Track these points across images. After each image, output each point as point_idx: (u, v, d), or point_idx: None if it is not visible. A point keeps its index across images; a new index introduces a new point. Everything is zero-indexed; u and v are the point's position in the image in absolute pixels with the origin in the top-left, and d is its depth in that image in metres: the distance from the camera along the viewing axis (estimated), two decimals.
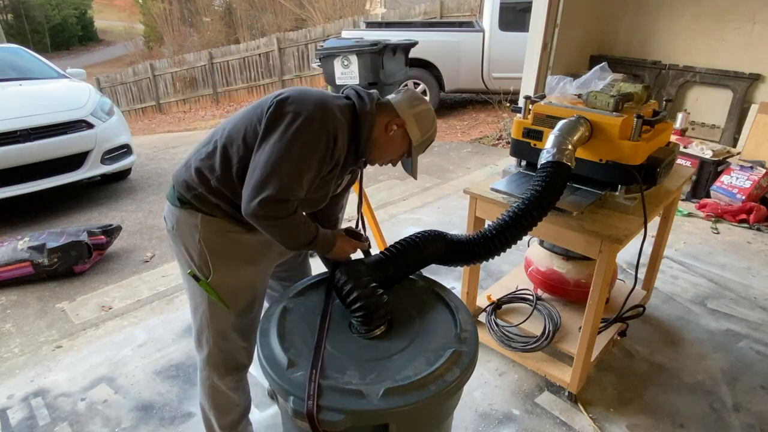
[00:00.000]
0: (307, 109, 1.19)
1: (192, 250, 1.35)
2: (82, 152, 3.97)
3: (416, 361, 1.14)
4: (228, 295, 1.39)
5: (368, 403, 1.01)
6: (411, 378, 1.07)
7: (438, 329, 1.26)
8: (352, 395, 1.02)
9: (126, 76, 12.37)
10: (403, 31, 6.84)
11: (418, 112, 1.36)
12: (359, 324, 1.24)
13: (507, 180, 1.92)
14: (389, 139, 1.35)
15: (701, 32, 4.31)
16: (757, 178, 3.58)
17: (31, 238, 2.98)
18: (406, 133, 1.35)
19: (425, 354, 1.17)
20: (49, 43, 23.77)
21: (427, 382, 1.07)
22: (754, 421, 1.89)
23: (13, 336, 2.48)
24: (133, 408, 1.99)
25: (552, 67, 4.68)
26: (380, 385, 1.05)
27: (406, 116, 1.34)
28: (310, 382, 1.04)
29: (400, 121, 1.33)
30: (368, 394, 1.02)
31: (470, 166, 4.94)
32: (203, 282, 1.36)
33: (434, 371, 1.09)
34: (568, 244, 1.76)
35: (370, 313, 1.23)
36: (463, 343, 1.20)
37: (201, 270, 1.36)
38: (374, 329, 1.24)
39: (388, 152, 1.39)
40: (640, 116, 1.63)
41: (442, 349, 1.17)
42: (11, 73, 4.44)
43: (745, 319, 2.48)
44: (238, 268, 1.39)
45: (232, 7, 19.61)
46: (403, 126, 1.34)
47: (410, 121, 1.34)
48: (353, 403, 1.01)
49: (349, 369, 1.11)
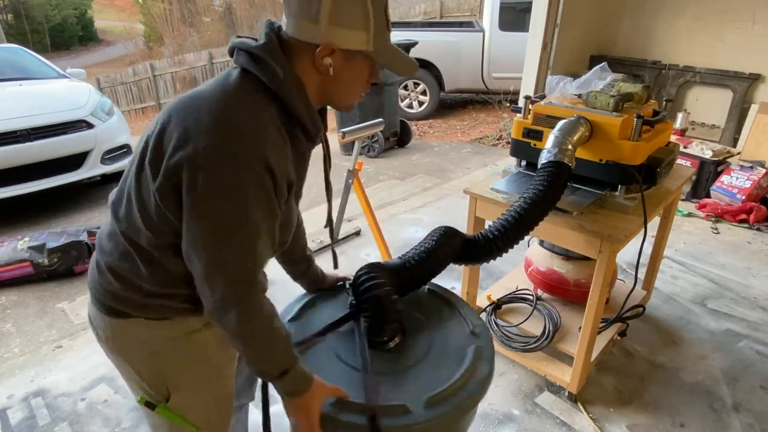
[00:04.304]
0: (209, 150, 0.79)
1: (140, 367, 1.00)
2: (82, 152, 3.96)
3: (443, 365, 1.11)
4: (198, 415, 1.06)
5: (416, 416, 0.97)
6: (447, 382, 1.04)
7: (450, 329, 1.24)
8: (400, 413, 0.97)
9: (126, 76, 12.37)
10: (403, 31, 6.83)
11: (330, 11, 0.83)
12: (371, 333, 1.17)
13: (507, 180, 1.92)
14: (338, 79, 0.90)
15: (701, 32, 4.31)
16: (757, 178, 3.58)
17: (31, 238, 2.98)
18: (345, 51, 0.87)
19: (448, 356, 1.14)
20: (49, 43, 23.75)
21: (464, 383, 1.05)
22: (754, 421, 1.89)
23: (13, 336, 2.48)
24: (133, 408, 1.98)
25: (552, 67, 4.67)
26: (420, 396, 1.01)
27: (324, 35, 0.85)
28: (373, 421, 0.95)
29: (323, 49, 0.86)
30: (413, 408, 0.98)
31: (470, 166, 4.94)
32: (162, 408, 1.02)
33: (466, 371, 1.07)
34: (568, 244, 1.76)
35: (381, 322, 1.15)
36: (479, 337, 1.19)
37: (156, 391, 1.02)
38: (388, 340, 1.17)
39: (352, 89, 0.96)
40: (640, 116, 1.63)
41: (463, 347, 1.15)
42: (11, 73, 4.44)
43: (745, 319, 2.48)
44: (205, 380, 1.05)
45: (232, 7, 19.61)
46: (332, 48, 0.86)
47: (332, 34, 0.85)
48: (405, 419, 0.96)
49: (381, 386, 1.05)
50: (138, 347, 0.99)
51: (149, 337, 0.98)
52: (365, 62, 0.92)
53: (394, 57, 0.93)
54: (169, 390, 1.02)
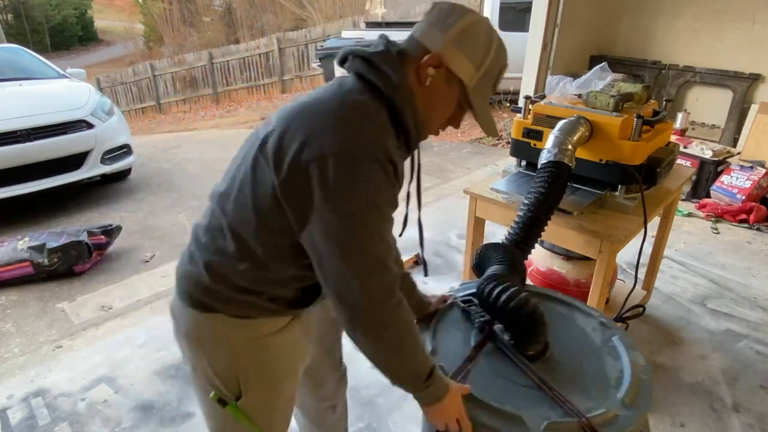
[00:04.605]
0: (336, 147, 0.82)
1: (216, 364, 1.01)
2: (82, 152, 3.96)
3: (601, 361, 1.06)
4: (264, 417, 1.06)
5: (626, 419, 0.93)
6: (625, 377, 1.01)
7: (580, 325, 1.18)
8: (610, 419, 0.92)
9: (126, 76, 12.39)
10: (403, 31, 6.81)
11: (459, 32, 0.88)
12: (518, 345, 1.10)
13: (507, 180, 1.92)
14: (428, 94, 0.92)
15: (701, 32, 4.31)
16: (757, 178, 3.58)
17: (31, 238, 2.98)
18: (449, 72, 0.90)
19: (600, 351, 1.09)
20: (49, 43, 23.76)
21: (637, 373, 1.01)
22: (754, 421, 1.89)
23: (13, 336, 2.48)
24: (133, 408, 1.99)
25: (552, 67, 4.67)
26: (613, 397, 0.97)
27: (440, 46, 0.89)
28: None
29: (434, 57, 0.89)
30: (617, 410, 0.94)
31: (470, 166, 4.94)
32: (232, 406, 1.02)
33: (631, 363, 1.03)
34: (568, 244, 1.76)
35: (532, 335, 1.08)
36: (610, 327, 1.14)
37: (228, 389, 1.02)
38: (543, 350, 1.10)
39: (434, 113, 0.96)
40: (640, 116, 1.63)
41: (606, 340, 1.11)
42: (11, 73, 4.44)
43: (745, 319, 2.48)
44: (278, 383, 1.07)
45: (232, 7, 19.61)
46: (441, 62, 0.89)
47: (449, 50, 0.88)
48: (617, 425, 0.92)
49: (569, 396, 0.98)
50: (218, 344, 1.00)
51: (231, 335, 0.98)
52: (458, 95, 0.94)
53: (483, 107, 0.96)
54: (241, 389, 1.02)
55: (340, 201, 0.82)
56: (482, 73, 0.91)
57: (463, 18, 0.90)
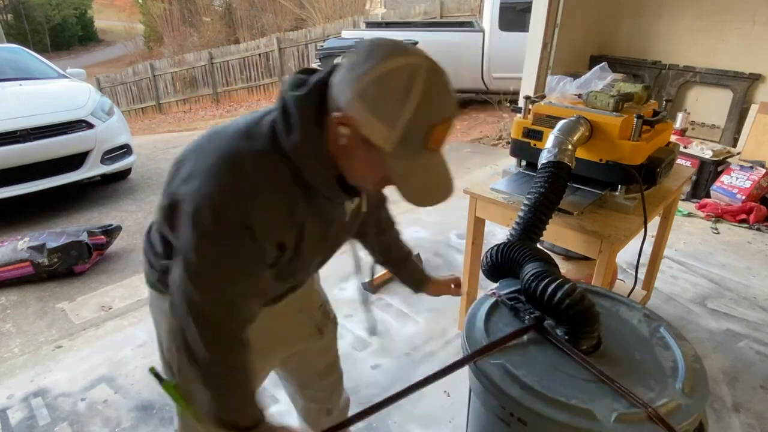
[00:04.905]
0: (198, 186, 0.78)
1: (162, 340, 1.06)
2: (82, 152, 3.97)
3: (654, 353, 1.07)
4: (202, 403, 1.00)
5: (691, 407, 0.94)
6: (681, 364, 1.03)
7: (625, 317, 1.18)
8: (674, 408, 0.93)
9: (126, 76, 12.38)
10: (403, 31, 6.84)
11: (369, 83, 0.71)
12: (573, 341, 1.09)
13: (507, 180, 1.93)
14: (347, 153, 0.79)
15: (701, 32, 4.31)
16: (757, 178, 3.58)
17: (31, 238, 2.98)
18: (361, 135, 0.74)
19: (650, 343, 1.10)
20: (49, 43, 23.75)
21: (691, 358, 1.04)
22: (754, 421, 1.89)
23: (13, 336, 2.48)
24: (133, 408, 1.99)
25: (552, 67, 4.67)
26: (673, 386, 0.98)
27: (344, 103, 0.74)
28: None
29: (342, 116, 0.74)
30: (679, 399, 0.95)
31: (470, 166, 4.95)
32: (167, 384, 0.98)
33: (683, 352, 1.05)
34: (568, 244, 1.76)
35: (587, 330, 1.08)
36: (654, 318, 1.15)
37: (168, 367, 1.04)
38: (598, 345, 1.09)
39: (363, 172, 0.82)
40: (640, 116, 1.63)
41: (654, 331, 1.11)
42: (11, 73, 4.45)
43: (745, 319, 2.48)
44: None
45: (232, 7, 19.60)
46: (351, 123, 0.74)
47: (354, 107, 0.73)
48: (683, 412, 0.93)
49: (569, 387, 0.98)
50: (161, 323, 1.05)
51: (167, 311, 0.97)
52: (382, 161, 0.76)
53: (408, 174, 0.77)
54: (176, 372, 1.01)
55: (186, 249, 0.81)
56: (400, 134, 0.72)
57: (379, 64, 0.71)
